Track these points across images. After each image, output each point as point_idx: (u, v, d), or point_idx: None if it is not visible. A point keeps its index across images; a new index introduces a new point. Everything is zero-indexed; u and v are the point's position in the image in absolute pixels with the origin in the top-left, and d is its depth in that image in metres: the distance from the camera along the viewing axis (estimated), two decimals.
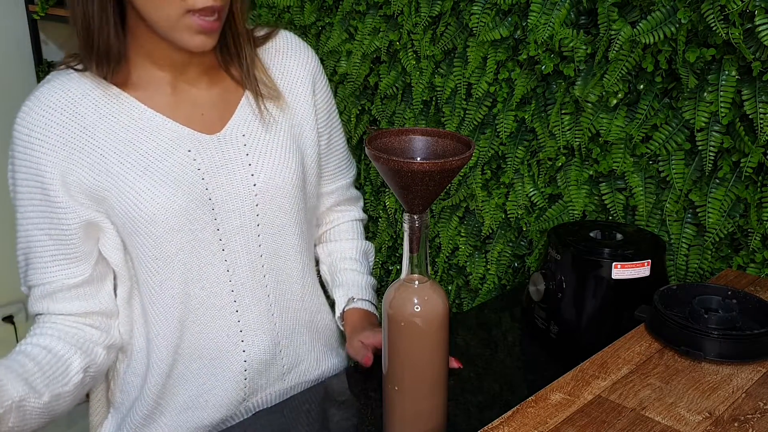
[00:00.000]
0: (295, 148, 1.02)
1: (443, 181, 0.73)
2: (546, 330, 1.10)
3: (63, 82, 0.92)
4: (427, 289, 0.78)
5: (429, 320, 0.77)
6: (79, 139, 0.91)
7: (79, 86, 0.92)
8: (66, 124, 0.91)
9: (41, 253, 0.95)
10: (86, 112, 0.92)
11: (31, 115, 0.91)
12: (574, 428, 0.71)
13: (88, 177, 0.91)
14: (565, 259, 1.06)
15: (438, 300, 0.78)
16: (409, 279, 0.79)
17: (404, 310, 0.77)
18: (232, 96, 1.00)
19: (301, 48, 1.07)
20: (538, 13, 1.26)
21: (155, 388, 1.00)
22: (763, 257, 1.11)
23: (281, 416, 0.96)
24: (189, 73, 0.96)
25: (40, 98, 0.91)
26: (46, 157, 0.90)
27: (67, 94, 0.91)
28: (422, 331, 0.77)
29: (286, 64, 1.04)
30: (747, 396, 0.76)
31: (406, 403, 0.81)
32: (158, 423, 1.02)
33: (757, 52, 1.04)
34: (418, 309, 0.77)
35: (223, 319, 0.99)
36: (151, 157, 0.92)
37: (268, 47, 1.04)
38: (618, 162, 1.24)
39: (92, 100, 0.92)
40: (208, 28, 0.87)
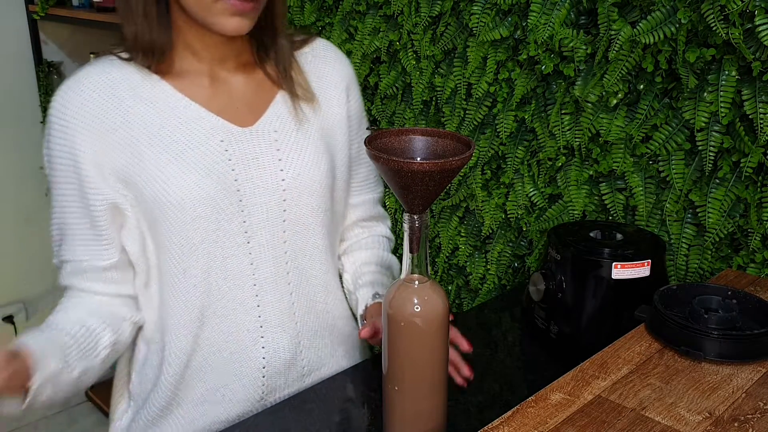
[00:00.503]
0: (325, 149, 1.03)
1: (443, 181, 0.73)
2: (546, 330, 1.10)
3: (104, 66, 0.95)
4: (427, 289, 0.78)
5: (429, 320, 0.77)
6: (114, 120, 0.92)
7: (119, 71, 0.95)
8: (102, 105, 0.92)
9: (73, 231, 0.96)
10: (124, 96, 0.93)
11: (68, 93, 0.94)
12: (574, 428, 0.71)
13: (120, 159, 0.92)
14: (565, 259, 1.06)
15: (438, 300, 0.78)
16: (409, 279, 0.79)
17: (404, 310, 0.77)
18: (266, 93, 1.01)
19: (337, 56, 1.09)
20: (538, 13, 1.26)
21: (173, 378, 1.00)
22: (763, 257, 1.11)
23: (281, 416, 0.96)
24: (226, 66, 0.98)
25: (80, 79, 0.94)
26: (81, 136, 0.92)
27: (107, 77, 0.94)
28: (422, 331, 0.77)
29: (323, 69, 1.06)
30: (747, 396, 0.76)
31: (406, 403, 0.80)
32: (174, 415, 1.03)
33: (757, 52, 1.04)
34: (418, 309, 0.77)
35: (244, 313, 0.99)
36: (183, 145, 0.94)
37: (306, 51, 1.06)
38: (618, 162, 1.24)
39: (131, 84, 0.94)
40: (242, 9, 0.88)
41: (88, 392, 2.70)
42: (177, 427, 1.03)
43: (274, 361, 1.02)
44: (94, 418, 2.66)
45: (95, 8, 2.05)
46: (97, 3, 2.03)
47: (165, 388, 1.01)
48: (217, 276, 0.97)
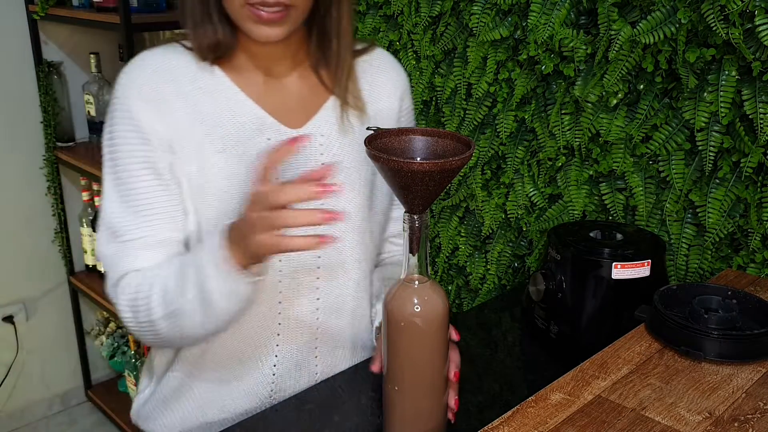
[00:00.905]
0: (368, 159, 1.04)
1: (443, 181, 0.73)
2: (546, 330, 1.10)
3: (167, 51, 0.97)
4: (427, 289, 0.78)
5: (429, 320, 0.77)
6: (173, 103, 0.94)
7: (181, 58, 0.96)
8: (162, 87, 0.94)
9: (143, 203, 0.93)
10: (183, 81, 0.95)
11: (131, 74, 0.95)
12: (574, 428, 0.71)
13: (175, 141, 0.93)
14: (565, 259, 1.06)
15: (438, 300, 0.78)
16: (409, 279, 0.78)
17: (404, 310, 0.77)
18: (317, 97, 1.02)
19: (394, 66, 1.10)
20: (538, 13, 1.26)
21: (187, 361, 1.02)
22: (763, 257, 1.11)
23: (282, 416, 0.96)
24: (281, 66, 0.99)
25: (143, 59, 0.96)
26: (143, 111, 0.92)
27: (168, 62, 0.96)
28: (422, 331, 0.77)
29: (377, 79, 1.07)
30: (747, 396, 0.76)
31: (406, 403, 0.80)
32: (185, 398, 1.04)
33: (757, 52, 1.04)
34: (418, 309, 0.77)
35: (267, 309, 0.99)
36: (233, 138, 0.95)
37: (363, 60, 1.07)
38: (618, 162, 1.24)
39: (191, 71, 0.96)
40: (266, 18, 0.87)
41: (88, 392, 2.70)
42: (186, 411, 1.04)
43: (285, 362, 1.02)
44: (94, 418, 2.65)
45: (95, 8, 2.05)
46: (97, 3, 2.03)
47: (179, 369, 1.03)
48: None
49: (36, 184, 2.44)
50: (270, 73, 0.99)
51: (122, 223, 0.93)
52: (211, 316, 0.87)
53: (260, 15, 0.87)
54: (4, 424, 2.55)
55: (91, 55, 2.33)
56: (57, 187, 2.45)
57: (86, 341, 2.66)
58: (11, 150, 2.38)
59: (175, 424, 1.05)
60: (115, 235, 0.94)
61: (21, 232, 2.45)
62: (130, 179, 0.93)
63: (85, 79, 2.42)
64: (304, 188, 0.76)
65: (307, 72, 1.02)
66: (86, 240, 2.48)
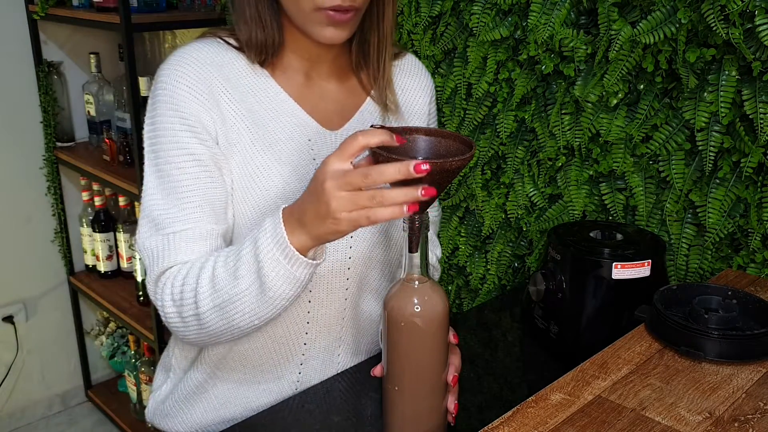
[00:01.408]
0: None
1: (443, 181, 0.72)
2: (546, 330, 1.10)
3: (212, 46, 0.97)
4: (427, 289, 0.78)
5: (429, 320, 0.77)
6: (219, 96, 0.93)
7: (226, 54, 0.97)
8: (209, 79, 0.93)
9: (187, 194, 0.91)
10: (230, 76, 0.95)
11: (177, 64, 0.93)
12: (574, 428, 0.70)
13: (220, 133, 0.93)
14: (565, 259, 1.06)
15: (438, 300, 0.78)
16: (409, 279, 0.78)
17: (404, 311, 0.77)
18: (356, 98, 1.04)
19: (423, 72, 1.13)
20: (538, 13, 1.26)
21: (214, 357, 1.01)
22: (763, 257, 1.11)
23: (281, 416, 0.96)
24: (322, 67, 1.00)
25: (190, 51, 0.95)
26: (189, 101, 0.91)
27: (216, 56, 0.95)
28: (422, 332, 0.77)
29: (407, 83, 1.09)
30: (747, 396, 0.76)
31: (405, 403, 0.80)
32: (209, 395, 1.04)
33: (757, 52, 1.04)
34: (418, 309, 0.77)
35: (296, 309, 0.99)
36: (274, 137, 0.96)
37: (395, 64, 1.09)
38: (618, 162, 1.24)
39: (237, 68, 0.96)
40: (338, 19, 0.89)
41: (88, 392, 2.70)
42: (207, 409, 1.04)
43: (311, 362, 1.03)
44: (94, 418, 2.66)
45: (95, 8, 2.05)
46: (97, 3, 2.03)
47: (201, 368, 1.03)
48: None
49: (36, 184, 2.44)
50: (310, 75, 1.00)
51: (165, 215, 0.91)
52: (267, 303, 0.84)
53: (333, 17, 0.89)
54: (4, 424, 2.55)
55: (90, 55, 2.33)
56: (57, 187, 2.45)
57: (86, 341, 2.66)
58: (11, 150, 2.38)
59: (195, 421, 1.06)
60: (157, 227, 0.91)
61: (21, 232, 2.45)
62: (172, 170, 0.91)
63: (85, 79, 2.42)
64: (398, 167, 0.71)
65: (347, 73, 1.04)
66: (86, 240, 2.48)
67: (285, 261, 0.81)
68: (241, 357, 1.01)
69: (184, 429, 1.06)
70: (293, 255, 0.80)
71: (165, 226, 0.91)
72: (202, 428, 1.06)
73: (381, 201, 0.72)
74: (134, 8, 2.01)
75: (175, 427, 1.07)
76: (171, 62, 0.94)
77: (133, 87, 1.94)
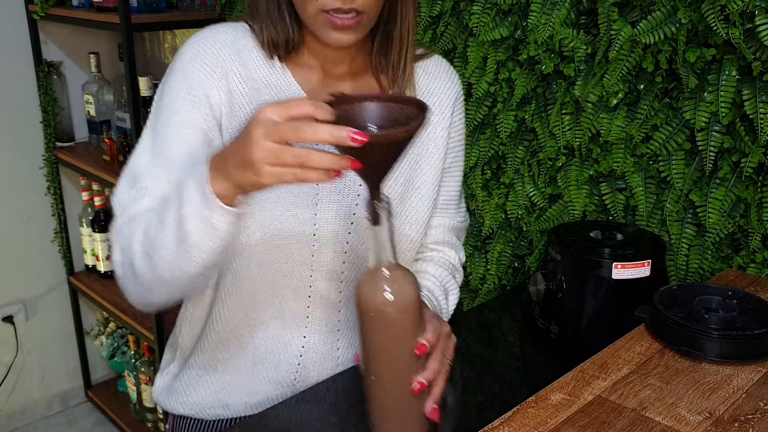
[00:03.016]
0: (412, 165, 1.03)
1: (392, 153, 0.70)
2: (546, 330, 1.10)
3: (239, 30, 0.97)
4: (397, 277, 0.75)
5: (400, 308, 0.75)
6: (233, 78, 0.94)
7: (249, 41, 0.97)
8: (227, 60, 0.94)
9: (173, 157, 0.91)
10: (247, 62, 0.95)
11: (200, 41, 0.94)
12: (574, 428, 0.70)
13: (224, 114, 0.93)
14: (565, 259, 1.06)
15: (408, 288, 0.76)
16: (378, 266, 0.75)
17: (374, 299, 0.75)
18: None
19: (449, 73, 1.09)
20: (538, 13, 1.26)
21: (216, 337, 1.02)
22: (763, 257, 1.11)
23: (281, 416, 0.96)
24: (340, 67, 0.99)
25: (216, 31, 0.96)
26: (201, 75, 0.92)
27: (239, 41, 0.96)
28: (392, 321, 0.75)
29: (432, 86, 1.06)
30: (747, 396, 0.76)
31: (386, 394, 0.79)
32: (210, 378, 1.05)
33: (757, 52, 1.04)
34: (388, 298, 0.75)
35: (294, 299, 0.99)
36: None
37: (419, 65, 1.06)
38: (618, 162, 1.24)
39: (255, 56, 0.96)
40: (341, 25, 0.88)
41: (88, 392, 2.70)
42: (210, 390, 1.05)
43: (311, 353, 1.03)
44: (93, 418, 2.66)
45: (95, 8, 2.05)
46: (97, 3, 2.03)
47: (207, 347, 1.03)
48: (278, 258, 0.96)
49: (36, 184, 2.44)
50: (327, 74, 1.00)
51: (146, 173, 0.91)
52: (186, 252, 0.81)
53: (335, 22, 0.88)
54: (4, 424, 2.55)
55: (90, 55, 2.33)
56: (57, 187, 2.45)
57: (86, 341, 2.66)
58: (11, 150, 2.38)
59: (196, 402, 1.06)
60: (134, 181, 0.91)
61: (21, 232, 2.45)
62: (168, 133, 0.92)
63: (84, 79, 2.42)
64: (332, 129, 0.67)
65: (365, 75, 1.02)
66: (86, 240, 2.48)
67: (203, 204, 0.78)
68: (240, 342, 1.02)
69: (185, 410, 1.07)
70: (211, 199, 0.77)
71: (141, 181, 0.90)
72: (201, 411, 1.06)
73: (304, 162, 0.69)
74: (134, 8, 2.01)
75: (177, 408, 1.08)
76: (194, 39, 0.95)
77: (133, 87, 1.94)
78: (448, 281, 1.13)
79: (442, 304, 1.09)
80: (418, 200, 1.05)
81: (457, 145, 1.09)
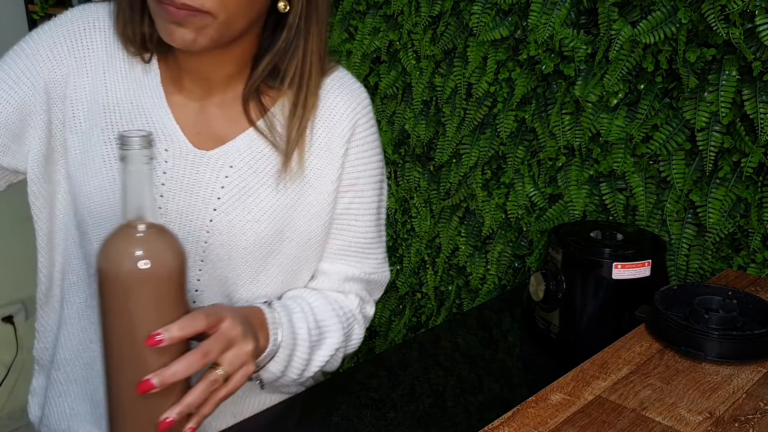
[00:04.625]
0: (289, 204, 0.88)
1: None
2: (546, 330, 1.10)
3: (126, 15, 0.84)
4: (153, 238, 0.62)
5: (155, 278, 0.62)
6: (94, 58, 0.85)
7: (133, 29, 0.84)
8: (99, 48, 0.85)
9: None
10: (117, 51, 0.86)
11: (83, 13, 0.85)
12: (574, 429, 0.70)
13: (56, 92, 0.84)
14: (565, 259, 1.06)
15: (168, 256, 0.62)
16: (131, 224, 0.61)
17: (117, 263, 0.61)
18: (239, 123, 0.88)
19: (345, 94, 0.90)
20: (539, 13, 1.26)
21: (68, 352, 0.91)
22: (763, 257, 1.11)
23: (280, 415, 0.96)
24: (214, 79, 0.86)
25: (98, 10, 0.86)
26: (54, 47, 0.84)
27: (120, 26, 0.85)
28: (146, 293, 0.61)
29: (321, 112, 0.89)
30: (747, 396, 0.76)
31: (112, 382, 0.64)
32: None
33: (757, 52, 1.04)
34: (142, 265, 0.61)
35: None
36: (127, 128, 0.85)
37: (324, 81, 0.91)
38: (618, 162, 1.24)
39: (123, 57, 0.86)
40: (174, 15, 0.74)
41: None
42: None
43: None
44: None
45: None
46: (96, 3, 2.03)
47: (60, 362, 0.92)
48: None
49: None
50: (204, 83, 0.86)
51: None
52: None
53: (167, 10, 0.74)
54: (4, 424, 2.55)
55: None
56: None
57: None
58: None
59: (51, 426, 0.95)
60: None
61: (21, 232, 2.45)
62: None
63: None
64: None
65: (235, 99, 0.87)
66: None
67: None
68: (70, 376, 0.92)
69: None
70: None
71: None
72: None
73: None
74: None
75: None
76: (74, 10, 0.86)
77: None
78: (327, 322, 0.90)
79: (299, 337, 0.86)
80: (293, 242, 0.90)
81: (358, 182, 0.92)
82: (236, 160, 0.86)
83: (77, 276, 0.90)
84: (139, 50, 0.85)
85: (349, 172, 0.91)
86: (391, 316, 1.80)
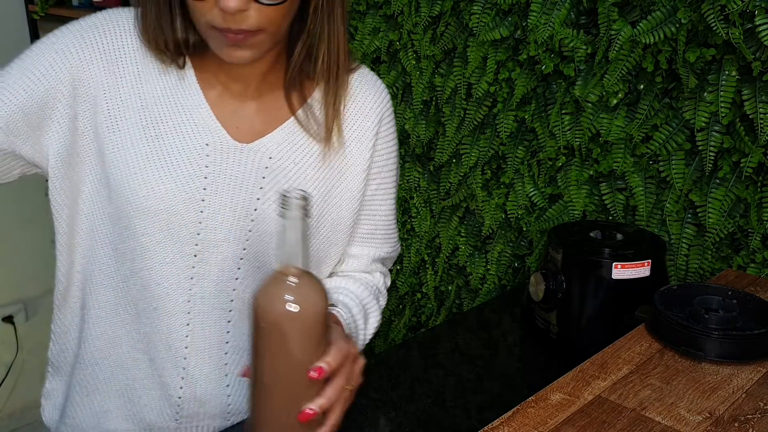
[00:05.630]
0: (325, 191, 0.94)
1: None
2: (546, 330, 1.10)
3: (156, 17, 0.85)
4: (305, 287, 0.67)
5: (302, 324, 0.67)
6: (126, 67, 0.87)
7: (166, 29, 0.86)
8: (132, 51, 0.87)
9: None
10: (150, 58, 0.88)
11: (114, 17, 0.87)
12: (574, 428, 0.70)
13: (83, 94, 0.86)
14: (565, 259, 1.06)
15: (316, 300, 0.68)
16: (283, 271, 0.66)
17: (273, 309, 0.66)
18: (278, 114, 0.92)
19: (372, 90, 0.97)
20: (538, 13, 1.26)
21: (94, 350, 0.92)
22: (763, 257, 1.11)
23: None
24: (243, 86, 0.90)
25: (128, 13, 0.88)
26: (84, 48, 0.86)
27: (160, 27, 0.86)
28: (291, 336, 0.67)
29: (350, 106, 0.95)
30: (747, 396, 0.76)
31: (271, 416, 0.70)
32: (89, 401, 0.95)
33: (757, 52, 1.04)
34: (292, 309, 0.66)
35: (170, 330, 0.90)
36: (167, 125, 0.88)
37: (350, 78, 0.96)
38: (618, 162, 1.24)
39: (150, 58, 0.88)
40: (233, 40, 0.78)
41: None
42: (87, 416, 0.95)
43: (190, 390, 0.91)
44: None
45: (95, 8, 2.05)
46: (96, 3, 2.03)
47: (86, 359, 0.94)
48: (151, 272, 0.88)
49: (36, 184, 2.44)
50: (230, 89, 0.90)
51: None
52: None
53: (226, 36, 0.78)
54: (4, 424, 2.55)
55: None
56: None
57: None
58: None
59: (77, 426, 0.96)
60: None
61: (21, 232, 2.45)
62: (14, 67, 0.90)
63: None
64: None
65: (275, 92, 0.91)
66: None
67: None
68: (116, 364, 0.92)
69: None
70: None
71: None
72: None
73: None
74: None
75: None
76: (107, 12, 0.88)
77: None
78: (369, 303, 1.00)
79: (359, 324, 0.96)
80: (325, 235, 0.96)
81: (383, 170, 0.98)
82: (275, 151, 0.90)
83: (104, 275, 0.92)
84: (173, 57, 0.87)
85: (377, 161, 0.97)
86: (391, 316, 1.80)
